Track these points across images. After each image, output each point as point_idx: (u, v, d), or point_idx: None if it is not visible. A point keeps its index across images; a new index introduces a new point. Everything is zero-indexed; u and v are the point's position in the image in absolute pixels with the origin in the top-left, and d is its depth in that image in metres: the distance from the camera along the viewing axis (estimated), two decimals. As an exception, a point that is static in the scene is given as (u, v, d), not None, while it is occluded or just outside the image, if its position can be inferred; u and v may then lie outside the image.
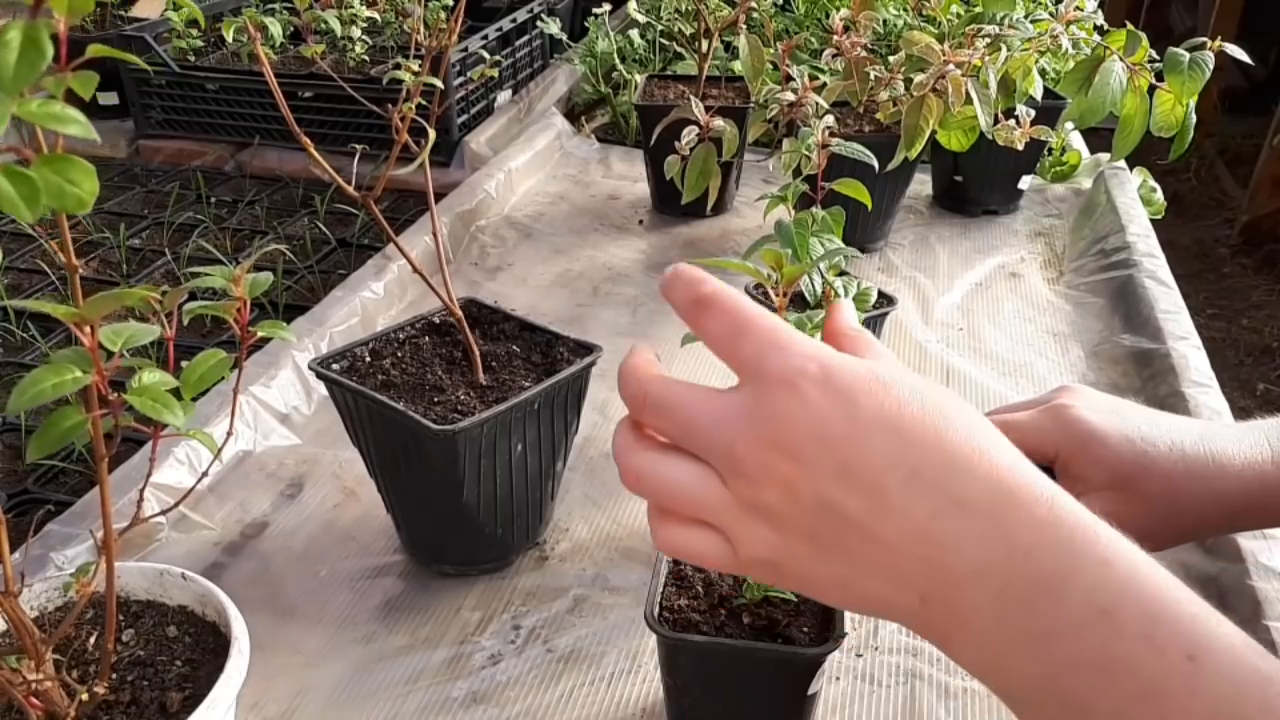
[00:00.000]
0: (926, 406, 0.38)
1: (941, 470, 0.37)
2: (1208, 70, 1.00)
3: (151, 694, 0.58)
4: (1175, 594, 0.35)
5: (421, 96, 0.74)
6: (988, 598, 0.37)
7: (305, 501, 0.93)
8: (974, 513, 0.37)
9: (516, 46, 2.02)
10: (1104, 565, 0.36)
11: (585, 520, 0.91)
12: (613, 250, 1.43)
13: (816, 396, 0.38)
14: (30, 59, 0.33)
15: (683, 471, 0.40)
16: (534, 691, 0.74)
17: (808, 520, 0.38)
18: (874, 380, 0.39)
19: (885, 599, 0.39)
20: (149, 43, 1.88)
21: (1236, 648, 0.34)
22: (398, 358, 0.84)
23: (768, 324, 0.40)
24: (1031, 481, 0.38)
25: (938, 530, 0.37)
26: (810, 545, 0.39)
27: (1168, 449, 0.58)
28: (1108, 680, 0.35)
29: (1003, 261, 1.39)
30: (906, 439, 0.38)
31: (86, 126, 0.36)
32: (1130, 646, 0.34)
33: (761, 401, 0.39)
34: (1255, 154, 3.38)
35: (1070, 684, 0.35)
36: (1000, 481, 0.37)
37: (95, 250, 1.58)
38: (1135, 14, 4.09)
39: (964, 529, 0.37)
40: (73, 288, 0.45)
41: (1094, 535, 0.37)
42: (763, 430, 0.38)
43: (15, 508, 1.02)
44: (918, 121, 1.08)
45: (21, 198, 0.35)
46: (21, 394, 0.43)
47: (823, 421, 0.38)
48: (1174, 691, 0.34)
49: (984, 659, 0.38)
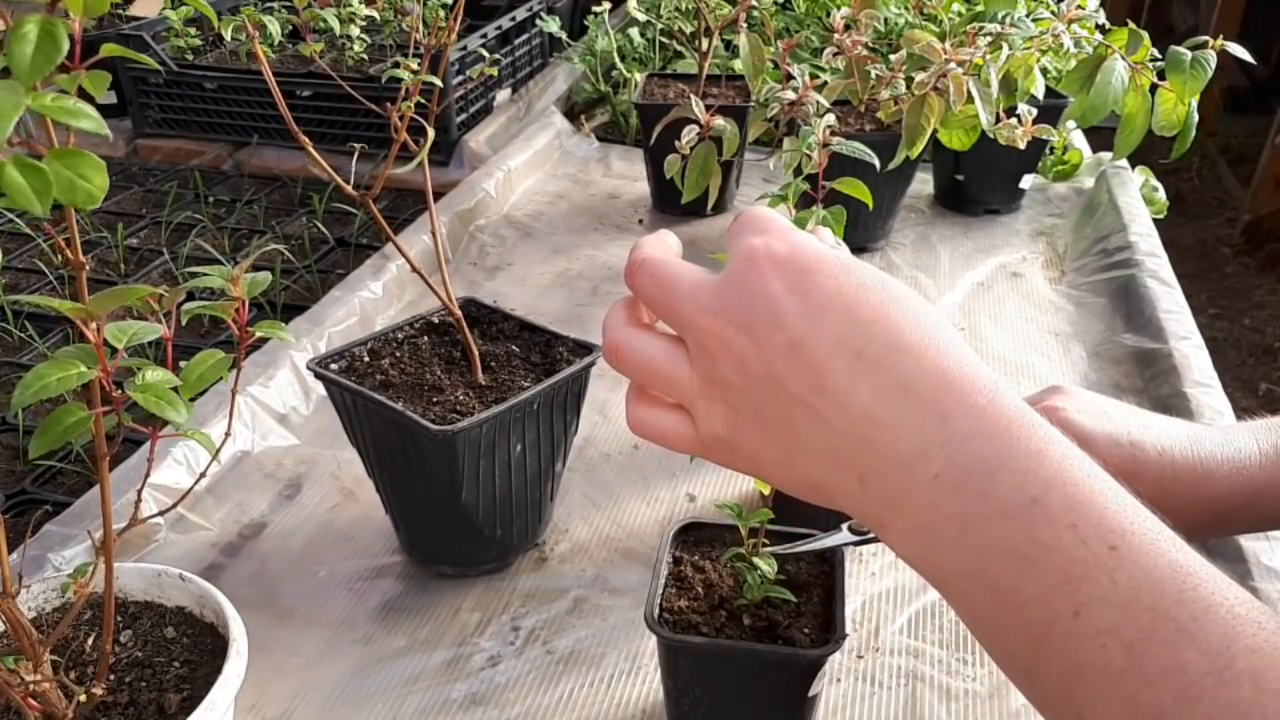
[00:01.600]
0: (885, 294, 0.39)
1: (887, 354, 0.38)
2: (1210, 69, 1.00)
3: (149, 695, 0.57)
4: (1103, 487, 0.36)
5: (420, 95, 0.74)
6: (924, 482, 0.37)
7: (303, 502, 0.93)
8: (916, 398, 0.38)
9: (516, 45, 2.02)
10: (1037, 456, 0.36)
11: (585, 521, 0.91)
12: (612, 250, 1.42)
13: (774, 273, 0.39)
14: (46, 52, 0.34)
15: (655, 347, 0.42)
16: (533, 693, 0.74)
17: (757, 396, 0.40)
18: (836, 263, 0.39)
19: (826, 480, 0.40)
20: (147, 41, 1.87)
21: (1158, 541, 0.35)
22: (396, 358, 0.83)
23: (762, 214, 0.42)
24: (975, 373, 0.38)
25: (880, 412, 0.38)
26: (757, 423, 0.40)
27: (1156, 454, 0.59)
28: (1032, 567, 0.35)
29: (1004, 261, 1.39)
30: (856, 320, 0.38)
31: (99, 122, 0.37)
32: (1055, 534, 0.35)
33: (728, 276, 0.40)
34: (1257, 153, 3.37)
35: (996, 570, 0.36)
36: (944, 370, 0.38)
37: (93, 250, 1.58)
38: (1137, 12, 4.09)
39: (905, 413, 0.38)
40: (79, 284, 0.45)
41: (1030, 427, 0.37)
42: (723, 304, 0.40)
43: (13, 508, 1.02)
44: (919, 120, 1.08)
45: (33, 190, 0.35)
46: (26, 388, 0.43)
47: (776, 296, 0.39)
48: (1094, 579, 0.34)
49: (918, 545, 0.39)
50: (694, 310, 0.40)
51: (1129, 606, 0.34)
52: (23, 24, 0.34)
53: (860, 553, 0.86)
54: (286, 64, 1.90)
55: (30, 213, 0.35)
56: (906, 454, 0.38)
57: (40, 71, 0.34)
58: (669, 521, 0.90)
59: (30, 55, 0.33)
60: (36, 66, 0.33)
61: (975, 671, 0.75)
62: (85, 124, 0.36)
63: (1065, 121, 1.47)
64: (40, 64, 0.34)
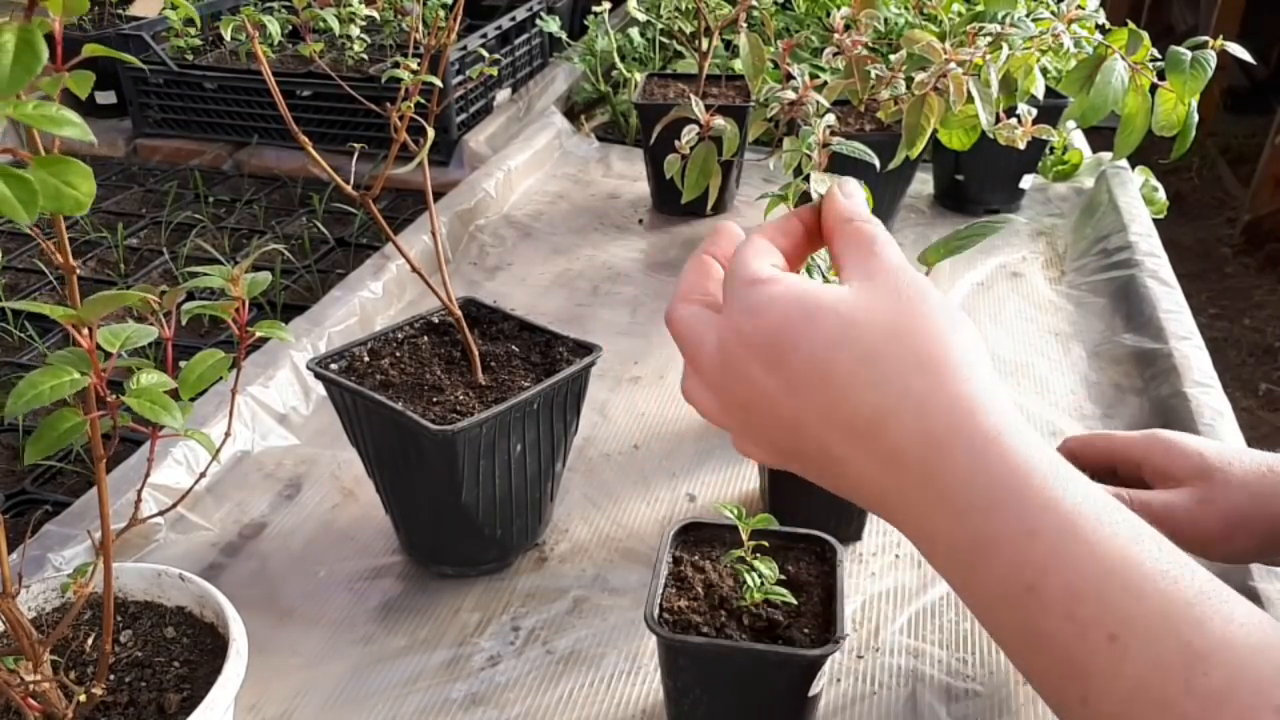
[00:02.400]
0: (857, 347, 0.39)
1: (874, 421, 0.38)
2: (1210, 69, 1.00)
3: (149, 695, 0.57)
4: (1107, 564, 0.34)
5: (420, 95, 0.73)
6: (940, 556, 0.38)
7: (303, 502, 0.93)
8: (908, 469, 0.38)
9: (516, 45, 2.02)
10: (1029, 536, 0.35)
11: (585, 521, 0.91)
12: (612, 250, 1.42)
13: (749, 359, 0.41)
14: (25, 62, 0.33)
15: (703, 318, 0.44)
16: (533, 693, 0.74)
17: (788, 453, 0.42)
18: (804, 322, 0.39)
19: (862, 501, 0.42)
20: (147, 41, 1.87)
21: (1166, 623, 0.33)
22: (396, 358, 0.83)
23: (733, 271, 0.43)
24: (962, 426, 0.37)
25: (885, 484, 0.39)
26: (795, 462, 0.43)
27: (1252, 461, 0.60)
28: (1038, 653, 0.35)
29: (1004, 261, 1.39)
30: (835, 389, 0.39)
31: (83, 128, 0.36)
32: (1054, 625, 0.34)
33: (722, 359, 0.42)
34: (1257, 153, 3.37)
35: (1011, 645, 0.37)
36: (929, 433, 0.37)
37: (93, 250, 1.58)
38: (1137, 13, 4.09)
39: (905, 488, 0.38)
40: (70, 289, 0.44)
41: (1023, 491, 0.36)
42: (722, 393, 0.43)
43: (13, 508, 1.02)
44: (919, 120, 1.08)
45: (19, 200, 0.34)
46: (19, 397, 0.42)
47: (758, 380, 0.40)
48: (1097, 672, 0.33)
49: (952, 586, 0.40)
50: (700, 394, 0.44)
51: (1134, 701, 0.32)
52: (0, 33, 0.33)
53: (860, 552, 0.86)
54: (286, 64, 1.89)
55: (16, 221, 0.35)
56: (916, 531, 0.39)
57: (19, 82, 0.33)
58: (669, 521, 0.90)
59: (9, 67, 0.33)
60: (15, 78, 0.33)
61: (975, 671, 0.75)
62: (68, 131, 0.36)
63: (1065, 121, 1.47)
64: (19, 75, 0.33)
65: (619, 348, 1.16)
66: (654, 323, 1.23)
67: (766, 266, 0.42)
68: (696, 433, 1.02)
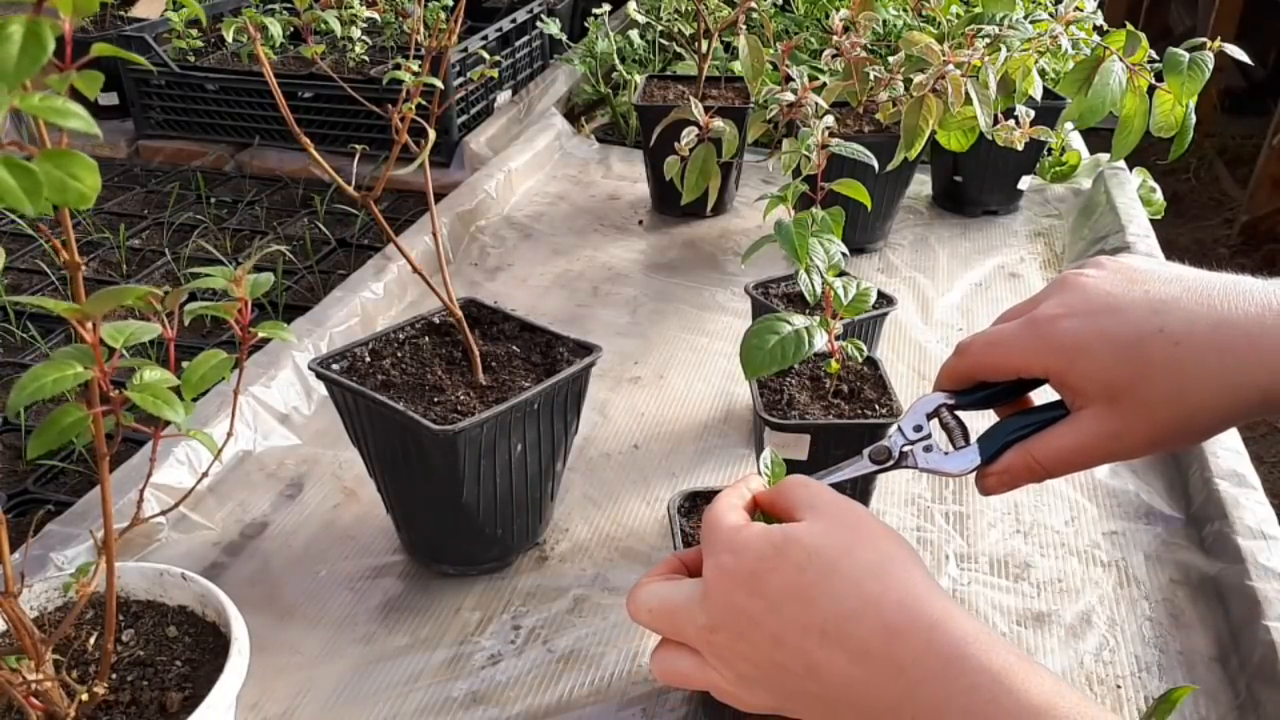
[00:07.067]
0: (820, 567, 0.47)
1: (844, 625, 0.46)
2: (1207, 70, 1.00)
3: (151, 694, 0.58)
4: (1029, 708, 0.42)
5: (421, 97, 0.74)
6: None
7: (305, 502, 0.93)
8: (875, 658, 0.45)
9: (516, 47, 2.02)
10: (970, 692, 0.43)
11: (585, 520, 0.91)
12: (612, 250, 1.43)
13: (732, 588, 0.48)
14: (32, 52, 0.33)
15: (686, 663, 0.52)
16: (534, 691, 0.74)
17: (774, 681, 0.48)
18: (774, 554, 0.48)
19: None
20: (149, 43, 1.88)
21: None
22: (398, 358, 0.84)
23: (710, 523, 0.51)
24: (913, 612, 0.46)
25: (857, 675, 0.46)
26: (782, 697, 0.49)
27: (1172, 345, 0.52)
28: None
29: (1002, 262, 1.39)
30: (808, 603, 0.47)
31: (88, 121, 0.36)
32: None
33: (706, 594, 0.50)
34: (1254, 154, 3.38)
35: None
36: (887, 624, 0.46)
37: (95, 250, 1.58)
38: (1135, 14, 4.09)
39: (873, 673, 0.45)
40: (74, 284, 0.45)
41: (961, 660, 0.44)
42: (711, 620, 0.49)
43: (15, 508, 1.02)
44: (917, 122, 1.08)
45: (24, 190, 0.34)
46: (22, 389, 0.42)
47: (743, 605, 0.48)
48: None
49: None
50: (697, 631, 0.50)
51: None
52: (7, 24, 0.34)
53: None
54: (288, 66, 1.90)
55: (23, 212, 0.35)
56: (886, 708, 0.45)
57: (25, 72, 0.33)
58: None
59: (15, 55, 0.33)
60: (21, 67, 0.33)
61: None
62: (74, 123, 0.36)
63: (1063, 123, 1.47)
64: (25, 64, 0.33)
65: (619, 348, 1.16)
66: (653, 323, 1.24)
67: (740, 515, 0.52)
68: (696, 433, 1.02)
